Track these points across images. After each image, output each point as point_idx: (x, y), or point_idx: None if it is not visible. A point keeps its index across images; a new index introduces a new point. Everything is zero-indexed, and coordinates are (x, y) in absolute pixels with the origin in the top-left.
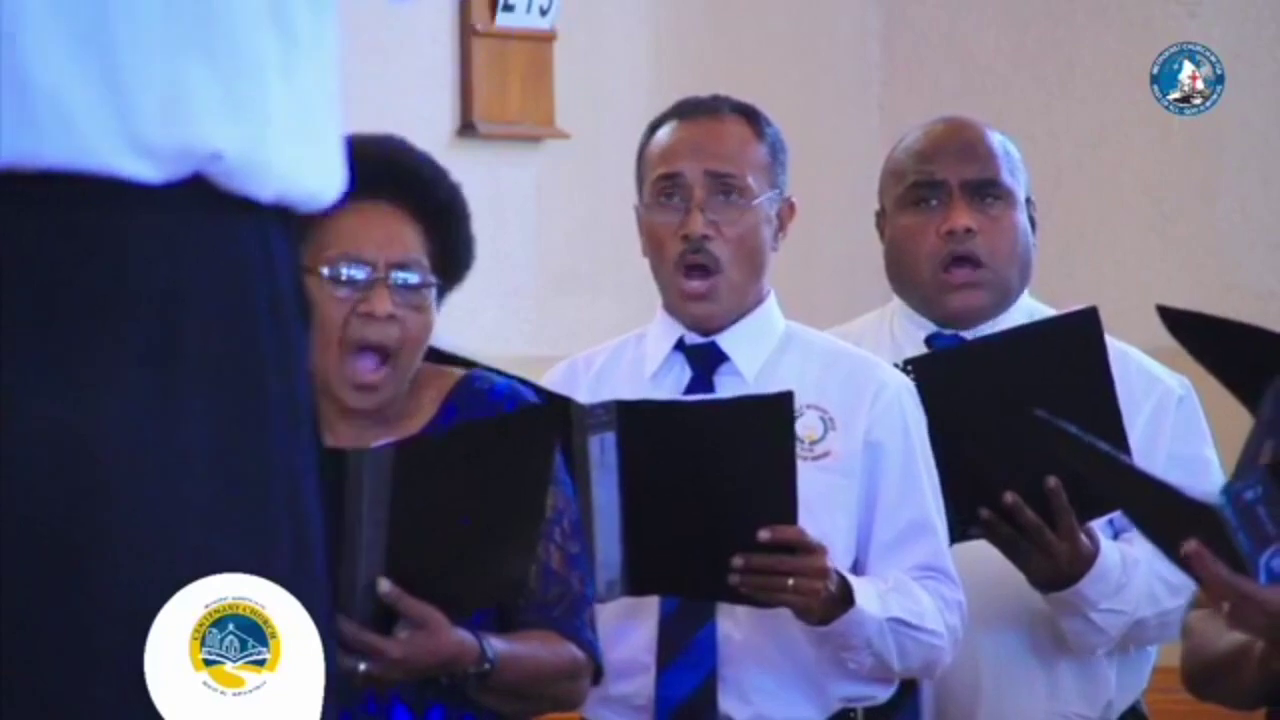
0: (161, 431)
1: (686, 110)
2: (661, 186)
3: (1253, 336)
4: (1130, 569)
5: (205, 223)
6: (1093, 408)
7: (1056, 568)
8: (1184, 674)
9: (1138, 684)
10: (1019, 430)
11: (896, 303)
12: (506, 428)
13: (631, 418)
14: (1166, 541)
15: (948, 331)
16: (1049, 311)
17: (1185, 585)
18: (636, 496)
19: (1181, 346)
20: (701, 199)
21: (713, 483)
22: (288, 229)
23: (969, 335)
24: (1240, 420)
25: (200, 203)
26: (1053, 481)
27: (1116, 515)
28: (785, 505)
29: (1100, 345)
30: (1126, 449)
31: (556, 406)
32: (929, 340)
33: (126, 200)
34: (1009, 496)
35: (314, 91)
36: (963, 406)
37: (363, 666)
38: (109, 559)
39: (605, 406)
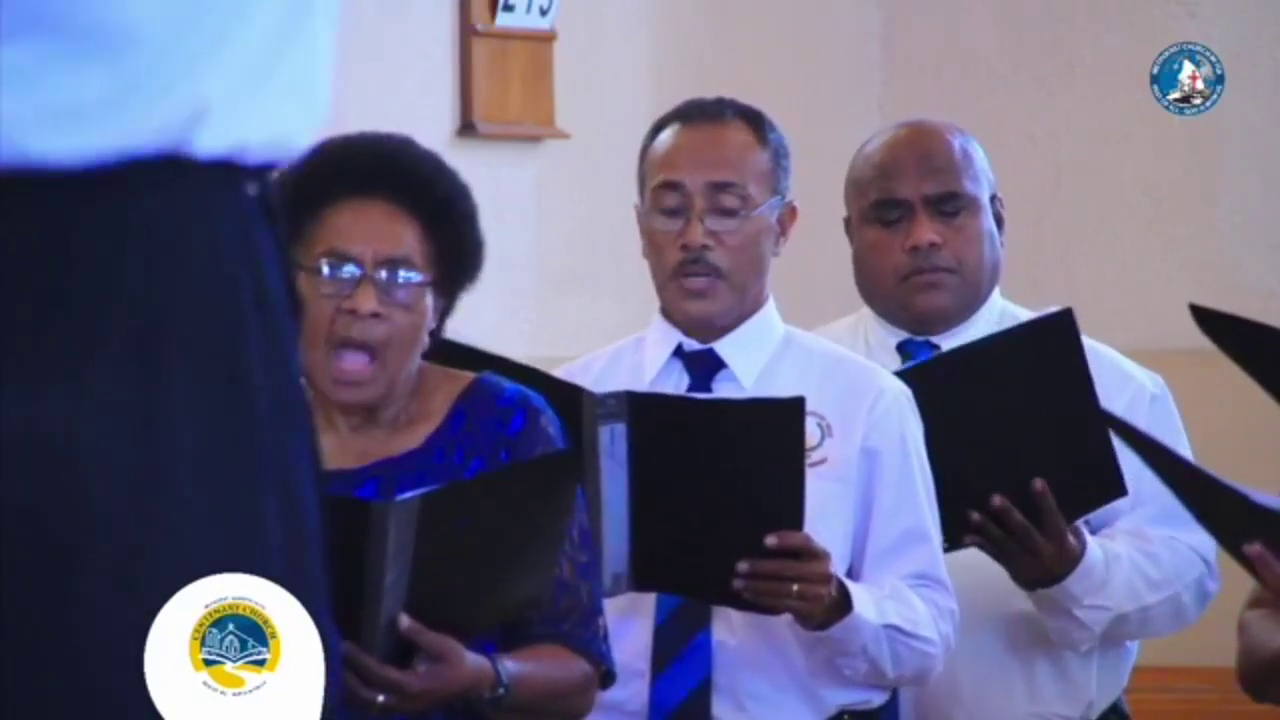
0: (144, 429)
1: (690, 114)
2: (661, 194)
3: None
4: (1113, 565)
5: (184, 220)
6: (1075, 407)
7: (1043, 567)
8: (1240, 674)
9: (1118, 683)
10: (1004, 434)
11: (869, 310)
12: (530, 474)
13: (643, 409)
14: (1228, 540)
15: (919, 338)
16: (1021, 311)
17: (1166, 581)
18: (645, 490)
19: (1216, 346)
20: (701, 209)
21: (721, 481)
22: (272, 223)
23: (939, 340)
24: (1221, 421)
25: (177, 196)
26: (1039, 484)
27: (1093, 514)
28: (793, 510)
29: (1077, 346)
30: (1111, 446)
31: (574, 399)
32: (900, 347)
33: (100, 192)
34: (997, 500)
35: (319, 34)
36: (947, 415)
37: (381, 698)
38: (92, 560)
39: (617, 396)
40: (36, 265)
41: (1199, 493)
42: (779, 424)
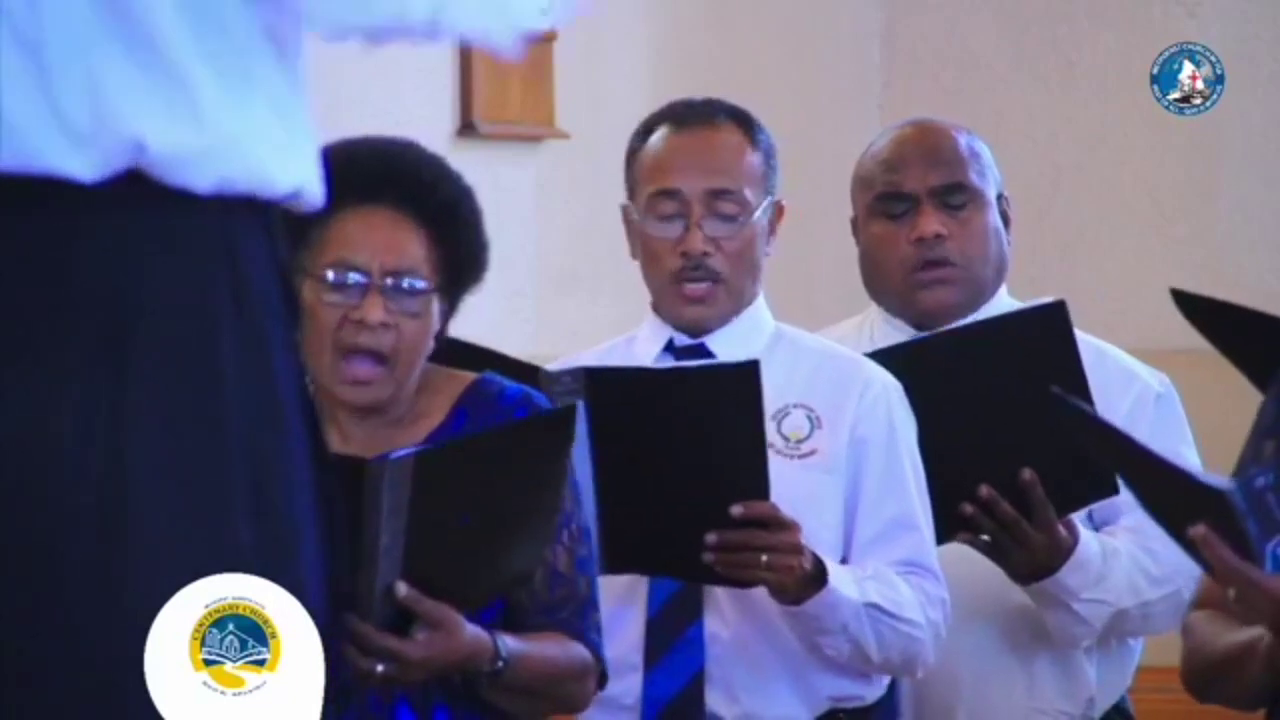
0: (110, 428)
1: (681, 117)
2: (658, 201)
3: (1264, 323)
4: (1111, 559)
5: (153, 220)
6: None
7: (1034, 560)
8: (1184, 675)
9: (1121, 681)
10: (992, 425)
11: (875, 308)
12: (523, 433)
13: (599, 384)
14: (1173, 524)
15: (926, 334)
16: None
17: (1166, 577)
18: (608, 467)
19: (1196, 330)
20: (700, 216)
21: (683, 454)
22: (263, 224)
23: None
24: (1221, 421)
25: (146, 200)
26: (1028, 474)
27: (1096, 507)
28: (756, 478)
29: (1070, 338)
30: None
31: (530, 378)
32: None
33: (69, 201)
34: (984, 490)
35: (265, 81)
36: (936, 402)
37: (380, 668)
38: (69, 554)
39: (573, 374)
40: (5, 269)
41: (1144, 473)
42: (736, 389)
